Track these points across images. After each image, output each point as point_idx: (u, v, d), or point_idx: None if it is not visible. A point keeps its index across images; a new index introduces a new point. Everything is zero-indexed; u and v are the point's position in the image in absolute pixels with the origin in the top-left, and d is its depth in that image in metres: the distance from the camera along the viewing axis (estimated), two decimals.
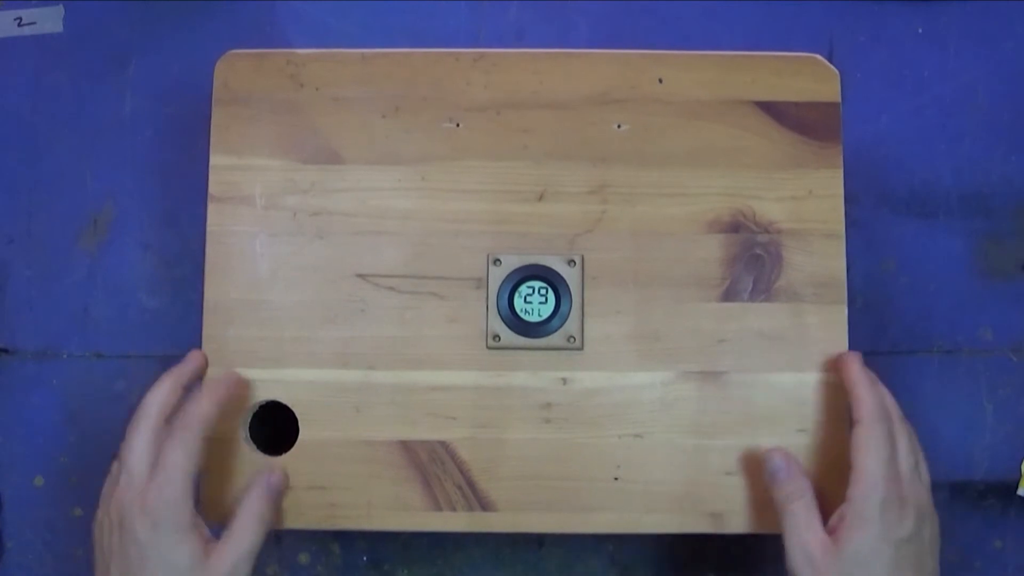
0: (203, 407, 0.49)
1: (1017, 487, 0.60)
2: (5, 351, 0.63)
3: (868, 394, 0.49)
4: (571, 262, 0.54)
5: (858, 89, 0.65)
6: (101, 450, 0.62)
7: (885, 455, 0.47)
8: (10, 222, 0.64)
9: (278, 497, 0.51)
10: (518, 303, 0.54)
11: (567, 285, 0.53)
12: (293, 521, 0.52)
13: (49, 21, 0.66)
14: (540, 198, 0.54)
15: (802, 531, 0.47)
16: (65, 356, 0.63)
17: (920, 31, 0.65)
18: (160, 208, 0.64)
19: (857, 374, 0.50)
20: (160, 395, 0.50)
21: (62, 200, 0.64)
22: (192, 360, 0.52)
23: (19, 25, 0.66)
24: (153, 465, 0.47)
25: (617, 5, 0.66)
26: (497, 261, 0.54)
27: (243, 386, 0.53)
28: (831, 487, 0.50)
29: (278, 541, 0.62)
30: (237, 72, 0.55)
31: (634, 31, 0.65)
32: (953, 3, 0.65)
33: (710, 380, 0.53)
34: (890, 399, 0.51)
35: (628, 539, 0.62)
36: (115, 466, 0.49)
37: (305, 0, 0.66)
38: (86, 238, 0.64)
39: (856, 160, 0.63)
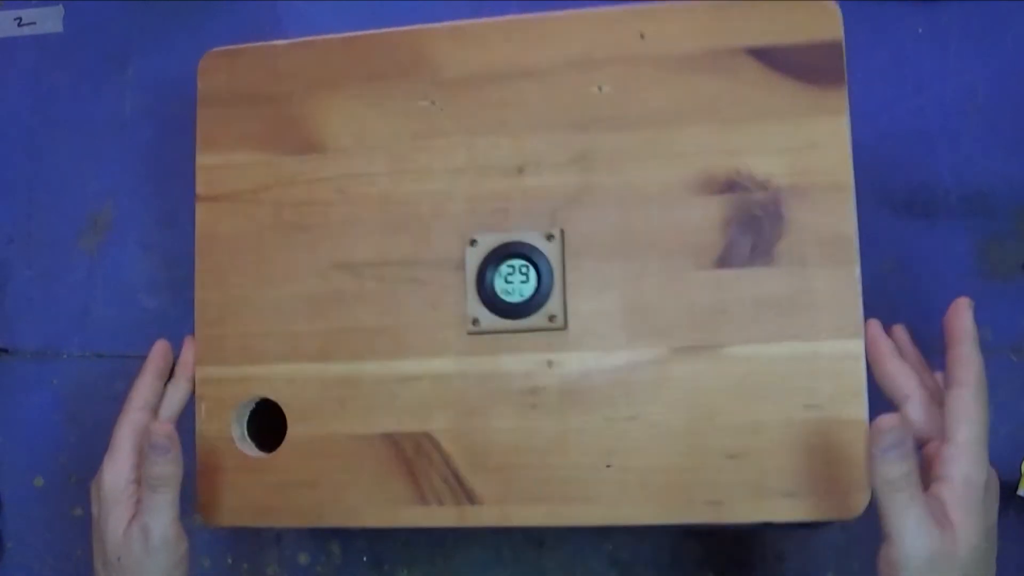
0: (141, 383, 0.53)
1: (1017, 487, 0.60)
2: (5, 351, 0.63)
3: (976, 353, 0.44)
4: (550, 236, 0.50)
5: (858, 89, 0.64)
6: (101, 450, 0.62)
7: (983, 429, 0.43)
8: (10, 222, 0.64)
9: (160, 452, 0.50)
10: (498, 283, 0.51)
11: (547, 261, 0.50)
12: (283, 520, 0.52)
13: (49, 21, 0.66)
14: (520, 171, 0.51)
15: (920, 524, 0.42)
16: (65, 356, 0.63)
17: (920, 31, 0.65)
18: (160, 208, 0.64)
19: (968, 327, 0.45)
20: (134, 390, 0.53)
21: (62, 200, 0.64)
22: (155, 352, 0.54)
23: (19, 25, 0.66)
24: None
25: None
26: (473, 242, 0.51)
27: (165, 355, 0.54)
28: (847, 471, 0.47)
29: (278, 541, 0.62)
30: (218, 70, 0.55)
31: None
32: (953, 3, 0.65)
33: (707, 355, 0.49)
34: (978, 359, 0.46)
35: (628, 539, 0.62)
36: None
37: (305, 1, 0.66)
38: (86, 238, 0.64)
39: (856, 160, 0.63)
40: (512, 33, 0.52)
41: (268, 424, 0.53)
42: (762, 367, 0.48)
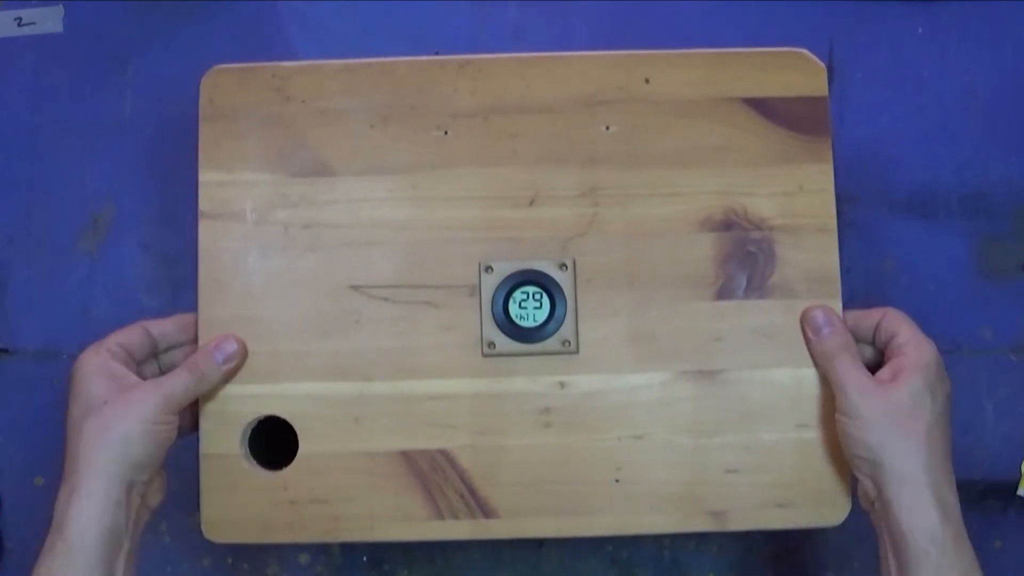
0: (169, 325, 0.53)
1: (1017, 487, 0.60)
2: (5, 351, 0.63)
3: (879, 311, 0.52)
4: (563, 266, 0.53)
5: (858, 89, 0.65)
6: None
7: (913, 329, 0.50)
8: (10, 222, 0.64)
9: (228, 360, 0.52)
10: (513, 309, 0.54)
11: (560, 289, 0.53)
12: (296, 535, 0.52)
13: (49, 21, 0.66)
14: (531, 203, 0.54)
15: (856, 374, 0.49)
16: (65, 356, 0.63)
17: (920, 31, 0.65)
18: (160, 208, 0.64)
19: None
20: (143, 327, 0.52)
21: (62, 200, 0.64)
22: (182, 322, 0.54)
23: (19, 25, 0.66)
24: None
25: (616, 6, 0.66)
26: (489, 268, 0.53)
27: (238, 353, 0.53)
28: (831, 484, 0.51)
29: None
30: (222, 87, 0.55)
31: (633, 31, 0.65)
32: (953, 3, 0.65)
33: (707, 379, 0.53)
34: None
35: (628, 539, 0.62)
36: None
37: (305, 1, 0.66)
38: (86, 238, 0.64)
39: (856, 160, 0.63)
40: (525, 69, 0.55)
41: (276, 442, 0.53)
42: (757, 390, 0.53)
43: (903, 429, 0.47)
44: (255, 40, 0.65)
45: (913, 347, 0.50)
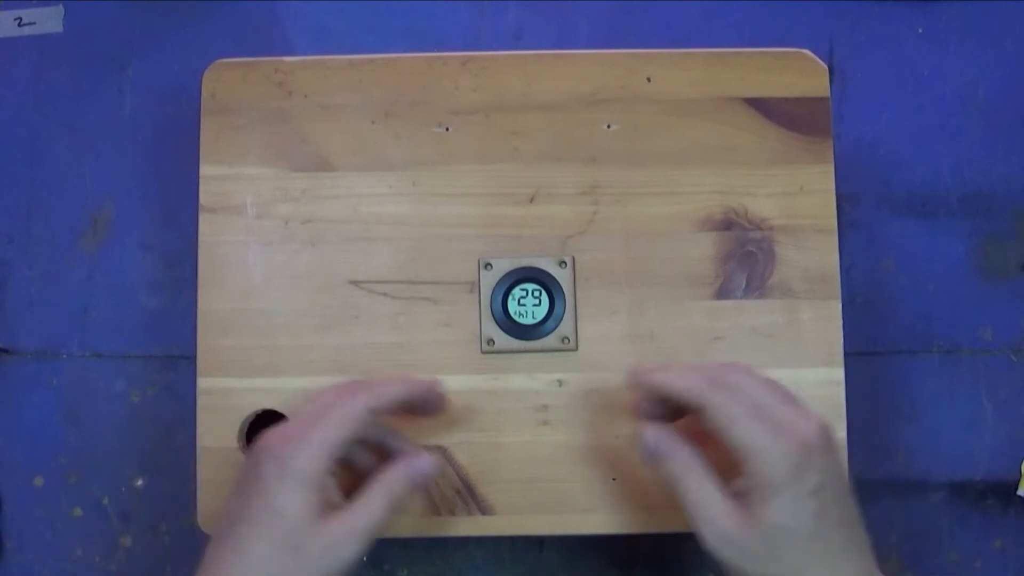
0: (372, 401, 0.46)
1: (1017, 487, 0.60)
2: (5, 351, 0.63)
3: (680, 380, 0.45)
4: (562, 263, 0.53)
5: (858, 89, 0.65)
6: (101, 450, 0.62)
7: (748, 413, 0.43)
8: (10, 222, 0.64)
9: (419, 483, 0.47)
10: (512, 306, 0.54)
11: (560, 287, 0.53)
12: None
13: (49, 21, 0.66)
14: (531, 200, 0.54)
15: (707, 508, 0.43)
16: (65, 356, 0.63)
17: (920, 31, 0.65)
18: (160, 208, 0.64)
19: (659, 379, 0.46)
20: (385, 397, 0.46)
21: (62, 200, 0.64)
22: (422, 388, 0.49)
23: (19, 25, 0.66)
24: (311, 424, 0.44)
25: (616, 5, 0.66)
26: (488, 265, 0.54)
27: (439, 398, 0.50)
28: None
29: None
30: (224, 82, 0.55)
31: (633, 32, 0.65)
32: (953, 3, 0.65)
33: None
34: (703, 368, 0.46)
35: (628, 539, 0.62)
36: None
37: (305, 0, 0.66)
38: (86, 238, 0.64)
39: (856, 160, 0.63)
40: (526, 67, 0.55)
41: None
42: None
43: (777, 564, 0.42)
44: (255, 40, 0.65)
45: (756, 460, 0.42)
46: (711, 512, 0.43)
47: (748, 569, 0.42)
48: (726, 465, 0.44)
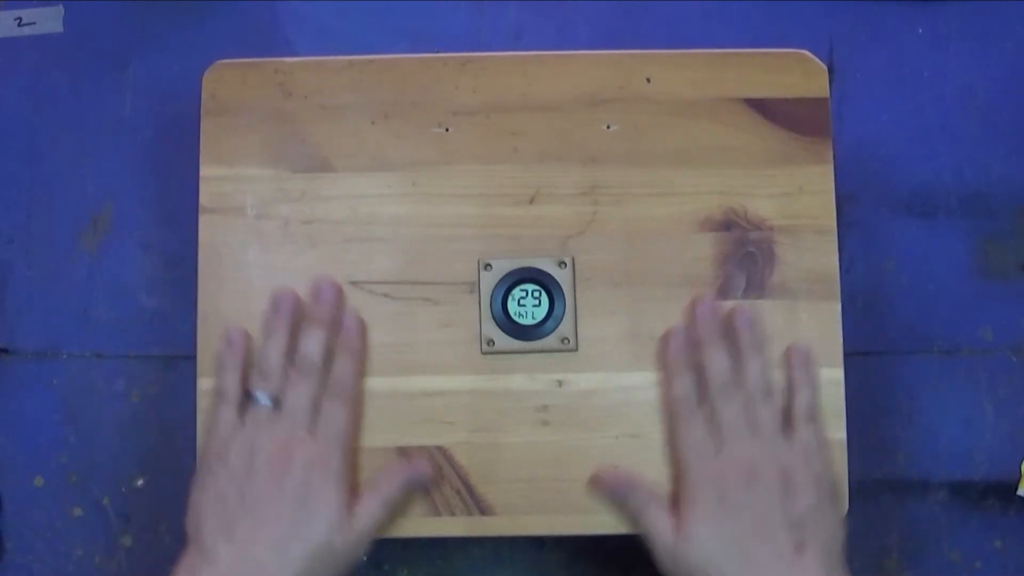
0: (353, 366, 0.51)
1: (1017, 487, 0.60)
2: (5, 351, 0.63)
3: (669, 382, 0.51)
4: (562, 264, 0.54)
5: (858, 89, 0.65)
6: (101, 450, 0.62)
7: (697, 433, 0.49)
8: (10, 222, 0.64)
9: (414, 486, 0.51)
10: (512, 306, 0.54)
11: (560, 287, 0.53)
12: None
13: (49, 21, 0.66)
14: (531, 201, 0.54)
15: (660, 531, 0.48)
16: (65, 356, 0.63)
17: (920, 31, 0.65)
18: (160, 208, 0.64)
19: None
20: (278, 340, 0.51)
21: (62, 200, 0.64)
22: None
23: (19, 25, 0.66)
24: (313, 414, 0.49)
25: (616, 5, 0.66)
26: (488, 266, 0.54)
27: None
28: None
29: None
30: (225, 83, 0.55)
31: (633, 32, 0.65)
32: (953, 3, 0.65)
33: None
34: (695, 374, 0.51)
35: (628, 539, 0.62)
36: (231, 395, 0.50)
37: (305, 1, 0.66)
38: (86, 238, 0.64)
39: (856, 160, 0.63)
40: (526, 68, 0.55)
41: None
42: None
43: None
44: (255, 40, 0.65)
45: (690, 487, 0.49)
46: (659, 530, 0.48)
47: None
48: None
